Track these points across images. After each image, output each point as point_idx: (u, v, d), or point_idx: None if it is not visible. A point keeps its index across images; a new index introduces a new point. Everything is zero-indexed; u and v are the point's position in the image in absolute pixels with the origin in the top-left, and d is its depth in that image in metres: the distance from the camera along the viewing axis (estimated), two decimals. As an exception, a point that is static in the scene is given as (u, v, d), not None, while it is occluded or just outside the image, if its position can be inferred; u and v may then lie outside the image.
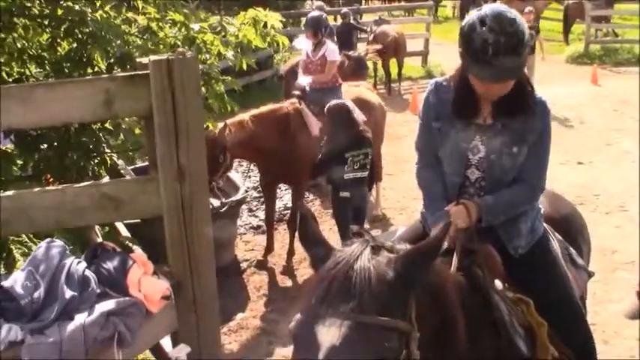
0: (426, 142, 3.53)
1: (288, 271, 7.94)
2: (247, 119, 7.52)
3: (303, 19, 15.53)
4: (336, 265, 2.26)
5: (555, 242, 3.68)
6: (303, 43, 9.15)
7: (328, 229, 8.63)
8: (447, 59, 15.44)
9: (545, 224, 3.66)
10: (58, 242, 3.09)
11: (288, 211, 8.93)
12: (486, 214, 3.29)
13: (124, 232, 4.67)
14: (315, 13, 9.86)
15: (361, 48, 17.19)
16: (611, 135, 13.30)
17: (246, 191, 8.94)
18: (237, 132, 7.30)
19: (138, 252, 3.70)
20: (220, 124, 6.85)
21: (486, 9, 3.08)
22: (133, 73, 3.24)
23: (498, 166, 3.31)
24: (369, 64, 16.09)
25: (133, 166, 6.54)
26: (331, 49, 9.00)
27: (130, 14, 4.50)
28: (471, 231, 3.24)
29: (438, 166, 3.50)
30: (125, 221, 4.59)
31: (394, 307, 2.24)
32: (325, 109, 7.34)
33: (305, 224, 2.51)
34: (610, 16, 25.94)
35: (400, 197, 9.84)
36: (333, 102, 7.45)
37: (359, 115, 7.57)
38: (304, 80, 8.78)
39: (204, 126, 4.26)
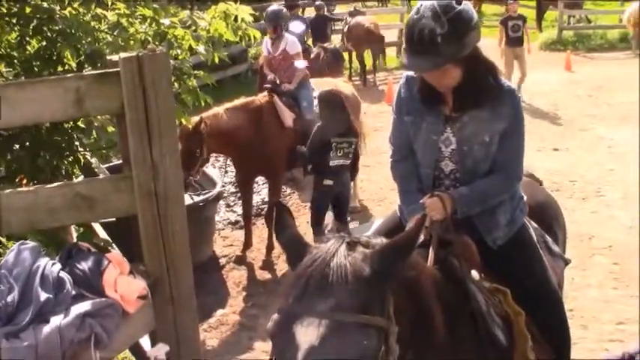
0: (400, 136, 3.53)
1: (268, 265, 7.90)
2: (222, 112, 7.53)
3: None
4: (313, 263, 2.24)
5: (531, 230, 3.69)
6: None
7: (306, 222, 8.61)
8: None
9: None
10: (31, 244, 3.05)
11: (266, 206, 8.93)
12: (461, 205, 3.28)
13: (101, 231, 4.62)
14: (274, 7, 9.79)
15: (336, 39, 17.20)
16: (586, 121, 13.41)
17: (224, 187, 8.92)
18: (213, 125, 7.32)
19: (114, 251, 3.67)
20: (195, 118, 6.84)
21: None
22: (103, 70, 3.21)
23: (470, 157, 3.31)
24: (345, 55, 16.10)
25: (109, 164, 6.51)
26: (291, 42, 8.95)
27: (99, 10, 4.45)
28: (446, 222, 3.25)
29: (412, 159, 3.50)
30: (101, 220, 4.55)
31: (372, 303, 2.22)
32: (317, 95, 7.64)
33: (281, 220, 2.49)
34: (582, 2, 26.14)
35: (378, 189, 9.85)
36: (326, 89, 7.79)
37: None
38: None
39: (178, 121, 4.24)
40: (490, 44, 21.82)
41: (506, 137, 3.30)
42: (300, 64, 8.82)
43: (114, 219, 3.84)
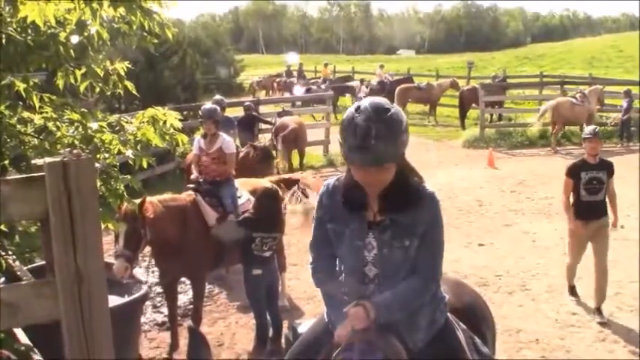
0: (321, 242, 3.61)
1: (195, 367, 7.72)
2: (156, 201, 7.52)
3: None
4: None
5: (460, 332, 3.72)
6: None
7: (235, 322, 8.55)
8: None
9: (448, 314, 3.71)
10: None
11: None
12: (383, 313, 3.31)
13: (22, 336, 4.50)
14: (209, 105, 9.95)
15: (264, 138, 17.39)
16: (510, 216, 13.72)
17: (150, 287, 8.79)
18: (151, 210, 7.31)
19: (36, 358, 3.57)
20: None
21: (364, 100, 3.26)
22: (27, 175, 3.18)
23: (390, 260, 3.38)
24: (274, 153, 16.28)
25: (33, 265, 6.40)
26: (227, 142, 9.08)
27: (25, 114, 4.44)
28: (370, 328, 3.26)
29: (332, 264, 3.57)
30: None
31: None
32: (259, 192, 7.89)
33: (194, 349, 2.48)
34: (503, 100, 27.17)
35: (307, 287, 9.78)
36: (267, 186, 8.19)
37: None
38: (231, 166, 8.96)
39: (105, 226, 4.21)
40: (413, 141, 22.58)
41: (424, 241, 3.38)
42: (231, 167, 9.04)
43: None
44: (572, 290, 9.04)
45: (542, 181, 16.73)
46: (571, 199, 8.50)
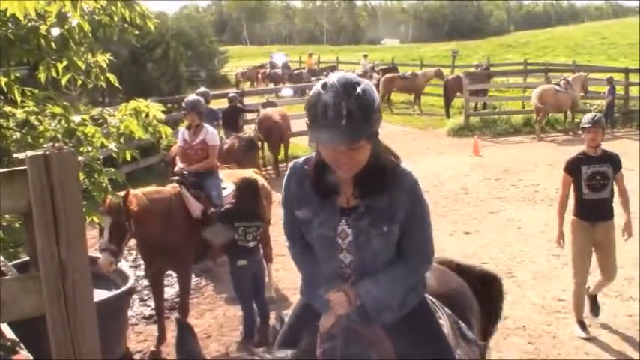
0: (293, 227, 3.46)
1: (183, 360, 7.70)
2: (140, 194, 7.48)
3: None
4: None
5: (445, 316, 3.71)
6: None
7: (222, 314, 8.55)
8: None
9: (432, 298, 3.70)
10: None
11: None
12: (366, 298, 3.21)
13: (8, 331, 4.48)
14: (192, 96, 9.90)
15: (249, 129, 17.36)
16: (495, 203, 13.77)
17: (137, 280, 8.76)
18: (135, 204, 7.28)
19: (22, 353, 3.56)
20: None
21: (331, 76, 3.01)
22: (10, 169, 3.17)
23: (368, 248, 3.22)
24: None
25: (18, 260, 6.36)
26: (211, 134, 9.06)
27: (7, 108, 4.42)
28: (352, 314, 3.21)
29: (310, 247, 3.43)
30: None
31: None
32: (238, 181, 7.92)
33: (182, 341, 2.47)
34: (487, 89, 27.26)
35: (294, 277, 9.74)
36: (246, 176, 8.24)
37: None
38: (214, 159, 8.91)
39: (89, 219, 4.19)
40: (397, 130, 22.67)
41: (408, 226, 3.22)
42: (213, 159, 8.98)
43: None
44: (582, 324, 7.69)
45: (527, 168, 16.82)
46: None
